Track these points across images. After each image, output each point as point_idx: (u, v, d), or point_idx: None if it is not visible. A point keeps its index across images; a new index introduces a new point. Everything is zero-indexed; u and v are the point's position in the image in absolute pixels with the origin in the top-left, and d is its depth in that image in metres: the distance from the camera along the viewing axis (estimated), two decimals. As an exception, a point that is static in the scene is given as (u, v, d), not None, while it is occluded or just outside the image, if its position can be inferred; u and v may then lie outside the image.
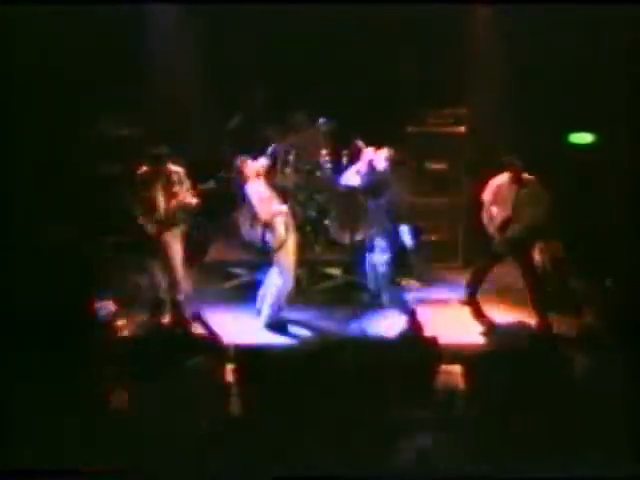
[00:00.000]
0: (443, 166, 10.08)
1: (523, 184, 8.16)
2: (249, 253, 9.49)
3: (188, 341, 6.20)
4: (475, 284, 8.75)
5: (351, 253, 9.31)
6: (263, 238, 7.97)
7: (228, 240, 9.92)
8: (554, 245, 8.84)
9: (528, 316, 8.29)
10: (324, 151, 9.89)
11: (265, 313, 8.19)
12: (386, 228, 8.04)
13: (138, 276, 8.85)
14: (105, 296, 8.25)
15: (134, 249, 8.78)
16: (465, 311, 8.65)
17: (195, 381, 5.34)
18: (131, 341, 6.30)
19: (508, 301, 8.84)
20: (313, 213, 9.66)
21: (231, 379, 5.50)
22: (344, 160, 9.89)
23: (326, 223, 9.67)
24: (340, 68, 10.31)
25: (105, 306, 8.13)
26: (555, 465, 4.63)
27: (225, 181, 9.64)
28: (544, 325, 8.08)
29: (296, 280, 8.35)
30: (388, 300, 8.28)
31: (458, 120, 10.01)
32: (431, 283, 9.34)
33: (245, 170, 8.05)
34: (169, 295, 8.31)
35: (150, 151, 8.18)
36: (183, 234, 8.37)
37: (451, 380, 5.83)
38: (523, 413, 5.05)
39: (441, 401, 5.53)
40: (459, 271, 9.51)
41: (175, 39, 10.26)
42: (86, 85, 9.72)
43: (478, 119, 9.91)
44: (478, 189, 8.58)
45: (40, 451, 4.81)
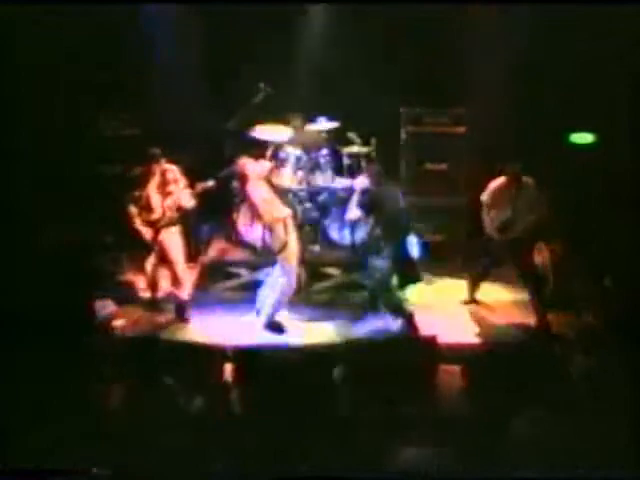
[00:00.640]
0: (443, 166, 10.09)
1: (521, 187, 8.16)
2: (249, 253, 9.49)
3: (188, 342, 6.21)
4: (475, 284, 8.78)
5: (351, 253, 9.31)
6: (263, 239, 7.96)
7: (228, 240, 9.91)
8: (554, 245, 8.84)
9: (528, 316, 8.29)
10: (324, 151, 9.90)
11: (265, 313, 8.18)
12: (387, 235, 8.06)
13: (138, 276, 8.85)
14: (105, 296, 8.26)
15: (133, 249, 8.79)
16: (465, 311, 8.66)
17: (195, 381, 5.34)
18: (130, 341, 6.30)
19: (508, 301, 8.86)
20: (313, 213, 9.67)
21: (231, 379, 5.50)
22: (344, 160, 9.92)
23: (326, 223, 9.67)
24: (340, 68, 10.31)
25: (105, 306, 8.15)
26: (555, 465, 4.64)
27: (225, 180, 9.66)
28: (544, 325, 8.08)
29: (296, 280, 8.35)
30: (385, 305, 8.30)
31: (458, 120, 10.03)
32: (431, 283, 9.34)
33: (247, 172, 7.99)
34: (172, 294, 8.30)
35: (144, 150, 8.18)
36: (182, 233, 8.34)
37: (451, 380, 5.84)
38: (522, 413, 5.05)
39: (441, 401, 5.53)
40: (459, 271, 9.51)
41: (175, 39, 10.26)
42: (86, 85, 9.73)
43: (478, 119, 9.91)
44: (478, 190, 8.58)
45: (40, 451, 4.81)
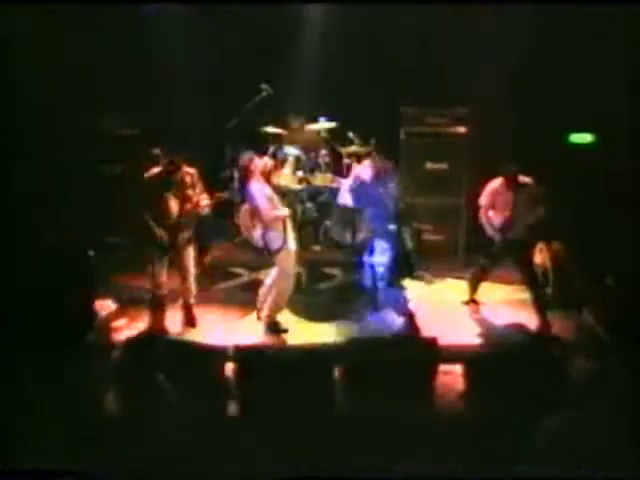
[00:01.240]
0: (443, 166, 10.09)
1: (519, 187, 8.14)
2: (249, 253, 9.49)
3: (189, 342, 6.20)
4: (475, 284, 8.77)
5: (351, 253, 9.31)
6: (263, 238, 7.96)
7: (228, 240, 9.92)
8: (554, 245, 8.84)
9: (528, 316, 8.29)
10: (324, 151, 9.90)
11: (265, 313, 8.18)
12: (385, 231, 8.05)
13: (138, 276, 8.85)
14: (105, 296, 8.26)
15: (134, 249, 8.78)
16: (465, 311, 8.66)
17: (195, 381, 5.34)
18: (131, 341, 6.29)
19: (508, 301, 8.85)
20: (313, 213, 9.67)
21: (231, 379, 5.49)
22: (344, 160, 9.92)
23: (326, 223, 9.68)
24: (340, 68, 10.32)
25: (105, 306, 8.14)
26: (555, 466, 4.63)
27: (225, 180, 9.68)
28: (544, 325, 8.08)
29: (296, 280, 8.35)
30: (385, 302, 8.30)
31: (458, 120, 10.02)
32: (431, 283, 9.34)
33: (252, 167, 7.92)
34: (181, 298, 8.29)
35: (144, 150, 8.08)
36: (193, 237, 8.15)
37: (451, 380, 5.83)
38: (523, 414, 5.04)
39: (441, 401, 5.53)
40: (459, 271, 9.51)
41: (175, 39, 10.26)
42: (86, 85, 9.72)
43: (478, 119, 9.91)
44: (478, 190, 8.58)
45: (40, 451, 4.80)
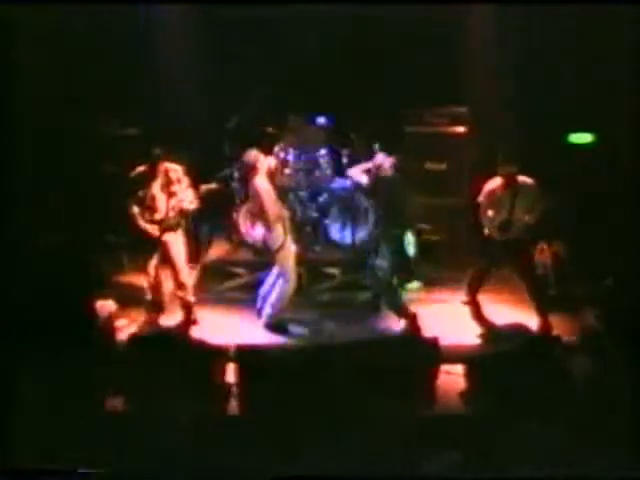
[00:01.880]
0: (443, 166, 10.08)
1: (518, 187, 8.12)
2: (249, 253, 9.50)
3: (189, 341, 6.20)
4: (475, 285, 8.75)
5: (351, 253, 9.31)
6: (263, 238, 7.95)
7: (229, 240, 9.92)
8: (554, 246, 8.83)
9: (528, 317, 8.28)
10: (324, 151, 9.90)
11: (265, 313, 8.19)
12: (388, 232, 8.05)
13: (138, 276, 8.85)
14: (105, 296, 8.26)
15: (134, 249, 8.78)
16: (465, 312, 8.65)
17: (196, 381, 5.34)
18: (131, 341, 6.29)
19: (508, 302, 8.84)
20: (313, 213, 9.67)
21: (232, 379, 5.50)
22: (344, 160, 9.93)
23: (326, 223, 9.67)
24: (340, 68, 10.32)
25: (105, 306, 8.14)
26: (555, 466, 4.63)
27: (226, 180, 9.68)
28: (544, 326, 8.08)
29: (296, 280, 8.35)
30: (387, 304, 8.30)
31: (458, 120, 10.02)
32: (431, 283, 9.34)
33: (257, 165, 7.89)
34: (178, 296, 8.29)
35: (145, 150, 8.12)
36: (184, 234, 8.26)
37: (452, 381, 5.83)
38: (523, 414, 5.04)
39: (442, 401, 5.53)
40: (459, 271, 9.50)
41: (175, 39, 10.26)
42: (86, 85, 9.72)
43: (478, 119, 9.91)
44: (477, 190, 8.57)
45: (40, 451, 4.80)
